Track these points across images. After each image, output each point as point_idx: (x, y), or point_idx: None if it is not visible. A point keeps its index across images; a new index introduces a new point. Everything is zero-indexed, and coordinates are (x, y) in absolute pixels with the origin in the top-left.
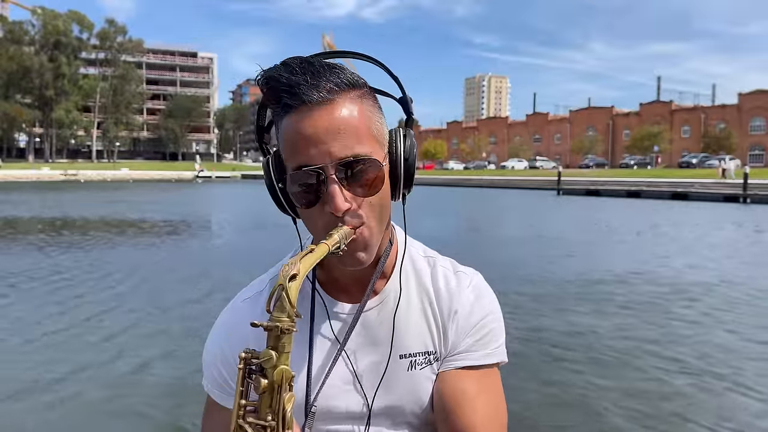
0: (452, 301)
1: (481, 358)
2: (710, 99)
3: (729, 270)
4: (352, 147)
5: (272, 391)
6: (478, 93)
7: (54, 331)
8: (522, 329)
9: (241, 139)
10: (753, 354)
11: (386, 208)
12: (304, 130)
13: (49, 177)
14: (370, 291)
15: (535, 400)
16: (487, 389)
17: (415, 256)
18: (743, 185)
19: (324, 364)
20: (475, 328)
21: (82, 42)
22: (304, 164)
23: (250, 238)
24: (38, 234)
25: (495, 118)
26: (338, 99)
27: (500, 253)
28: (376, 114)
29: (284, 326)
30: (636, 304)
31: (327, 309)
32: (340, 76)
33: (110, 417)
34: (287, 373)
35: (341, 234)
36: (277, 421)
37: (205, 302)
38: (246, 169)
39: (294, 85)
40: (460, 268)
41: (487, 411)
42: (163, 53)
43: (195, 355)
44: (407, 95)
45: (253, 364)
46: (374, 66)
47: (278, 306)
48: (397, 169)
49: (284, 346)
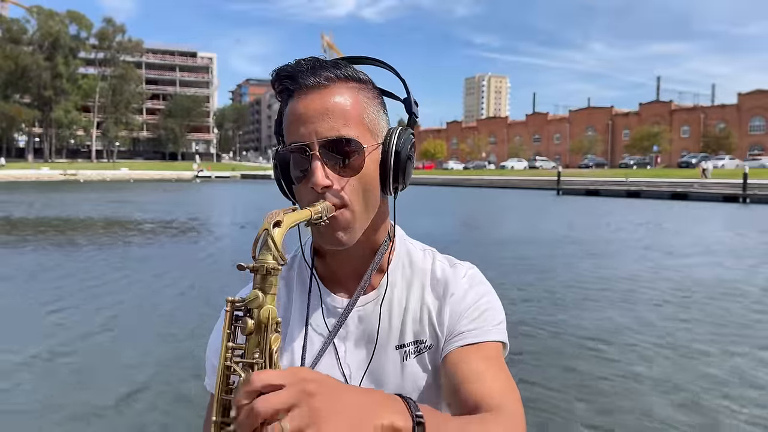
0: (448, 285)
1: (482, 335)
2: (710, 99)
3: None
4: (338, 129)
5: (259, 330)
6: (478, 93)
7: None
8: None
9: (240, 139)
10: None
11: (371, 194)
12: (297, 111)
13: (48, 177)
14: (365, 285)
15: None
16: (495, 365)
17: (412, 250)
18: (743, 185)
19: (315, 354)
20: (470, 309)
21: (80, 41)
22: (294, 142)
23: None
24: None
25: (495, 118)
26: (333, 86)
27: (505, 252)
28: (372, 107)
29: (270, 266)
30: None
31: (322, 299)
32: (341, 68)
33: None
34: (273, 313)
35: (323, 206)
36: (264, 359)
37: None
38: (246, 169)
39: (296, 73)
40: (456, 261)
41: (498, 381)
42: (163, 53)
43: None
44: (412, 97)
45: (240, 309)
46: (380, 70)
47: (264, 248)
48: (387, 162)
49: (270, 287)
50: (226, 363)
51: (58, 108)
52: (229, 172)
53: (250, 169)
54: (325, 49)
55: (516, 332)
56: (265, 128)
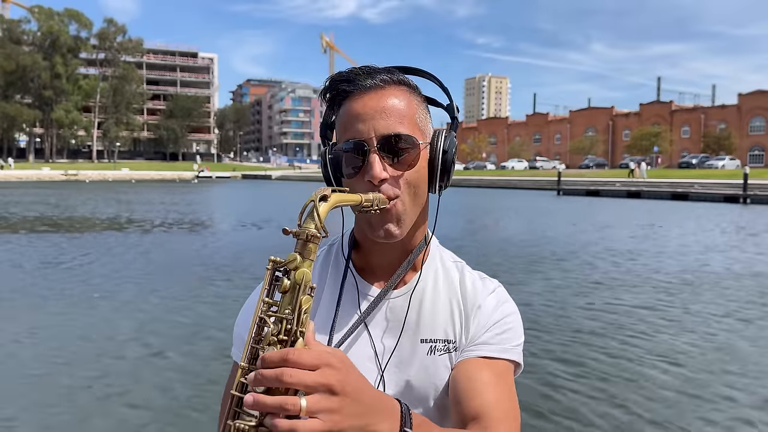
0: (477, 298)
1: (499, 352)
2: (710, 99)
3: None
4: (395, 127)
5: (294, 290)
6: (479, 93)
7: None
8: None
9: (241, 140)
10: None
11: (421, 190)
12: (355, 109)
13: (49, 177)
14: (398, 278)
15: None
16: (503, 382)
17: (445, 259)
18: (743, 185)
19: (346, 334)
20: (496, 324)
21: (80, 40)
22: (352, 138)
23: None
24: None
25: (495, 119)
26: (389, 88)
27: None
28: (422, 110)
29: (311, 233)
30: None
31: (358, 286)
32: (393, 73)
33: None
34: (308, 276)
35: (376, 196)
36: (294, 316)
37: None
38: (247, 170)
39: (353, 76)
40: (485, 276)
41: (501, 399)
42: (164, 53)
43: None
44: (454, 103)
45: (280, 269)
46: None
47: (308, 218)
48: (435, 160)
49: (309, 252)
50: (261, 315)
51: (58, 108)
52: (229, 173)
53: (251, 169)
54: (325, 49)
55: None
56: (265, 128)
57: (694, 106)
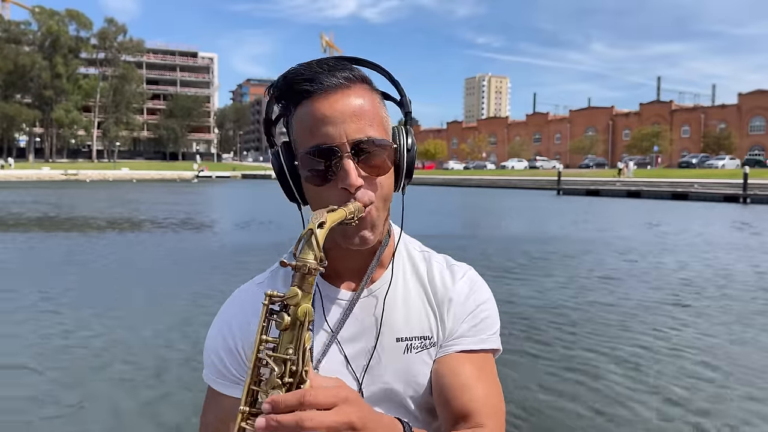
0: (447, 291)
1: (478, 343)
2: (710, 99)
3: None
4: (365, 130)
5: (294, 327)
6: (479, 93)
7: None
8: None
9: (241, 139)
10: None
11: (390, 193)
12: (322, 111)
13: (49, 177)
14: (368, 279)
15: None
16: (485, 374)
17: (411, 251)
18: (743, 185)
19: (319, 349)
20: (470, 315)
21: (80, 40)
22: (321, 143)
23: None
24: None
25: (495, 118)
26: (353, 87)
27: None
28: (383, 109)
29: (312, 266)
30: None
31: (321, 295)
32: (353, 70)
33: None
34: (310, 311)
35: (355, 206)
36: (297, 355)
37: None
38: (247, 169)
39: (314, 75)
40: (454, 262)
41: (487, 394)
42: (164, 53)
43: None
44: (407, 97)
45: (276, 302)
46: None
47: (306, 248)
48: (400, 160)
49: (309, 286)
50: (259, 355)
51: (58, 108)
52: (229, 172)
53: (251, 168)
54: (325, 48)
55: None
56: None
57: (694, 105)
